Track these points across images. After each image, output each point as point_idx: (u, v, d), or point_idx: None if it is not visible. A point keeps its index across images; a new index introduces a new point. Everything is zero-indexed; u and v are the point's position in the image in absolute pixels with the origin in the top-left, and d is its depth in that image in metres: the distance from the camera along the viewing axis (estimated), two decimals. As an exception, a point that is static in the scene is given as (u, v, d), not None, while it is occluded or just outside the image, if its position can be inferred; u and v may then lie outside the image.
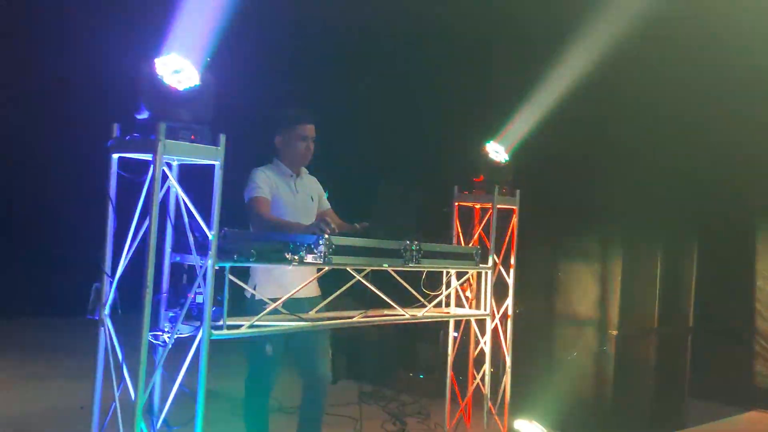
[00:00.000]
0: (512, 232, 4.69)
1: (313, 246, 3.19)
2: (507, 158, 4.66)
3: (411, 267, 3.67)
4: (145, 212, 2.85)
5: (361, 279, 3.64)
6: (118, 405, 2.90)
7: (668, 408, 5.93)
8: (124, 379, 2.90)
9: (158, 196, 2.81)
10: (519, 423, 4.56)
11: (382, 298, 3.80)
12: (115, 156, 2.96)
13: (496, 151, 4.63)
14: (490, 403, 4.61)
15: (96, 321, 2.95)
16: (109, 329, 2.95)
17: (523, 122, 4.87)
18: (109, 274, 2.96)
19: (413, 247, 3.63)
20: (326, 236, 3.22)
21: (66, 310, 5.29)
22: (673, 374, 5.99)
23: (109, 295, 2.95)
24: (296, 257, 3.19)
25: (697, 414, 6.30)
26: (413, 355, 6.73)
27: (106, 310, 2.94)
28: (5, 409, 5.43)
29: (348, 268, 3.53)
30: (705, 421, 6.30)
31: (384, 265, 3.61)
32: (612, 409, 5.48)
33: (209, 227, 2.94)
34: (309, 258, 3.20)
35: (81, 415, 3.13)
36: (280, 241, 3.24)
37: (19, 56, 8.25)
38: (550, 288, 5.82)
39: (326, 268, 3.47)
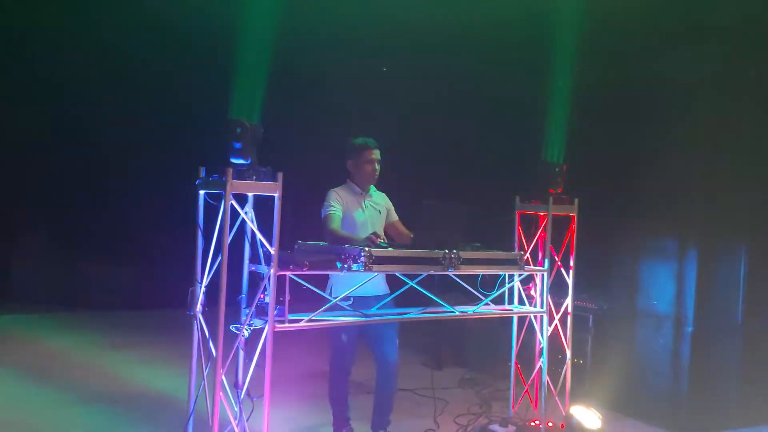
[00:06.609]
0: (571, 236, 5.16)
1: (356, 257, 3.96)
2: (564, 166, 5.13)
3: (451, 272, 4.33)
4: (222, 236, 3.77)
5: (413, 284, 4.38)
6: (205, 381, 3.87)
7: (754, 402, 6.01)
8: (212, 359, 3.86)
9: (228, 225, 3.71)
10: (575, 409, 5.03)
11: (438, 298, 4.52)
12: (202, 192, 3.91)
13: (553, 160, 5.12)
14: (553, 389, 5.13)
15: (191, 315, 3.93)
16: (200, 322, 3.92)
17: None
18: (200, 281, 3.92)
19: (452, 255, 4.29)
20: (367, 249, 3.98)
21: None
22: (760, 370, 6.03)
23: (199, 296, 3.91)
24: (345, 266, 3.99)
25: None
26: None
27: (198, 308, 3.91)
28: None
29: (397, 273, 4.30)
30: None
31: (427, 271, 4.32)
32: (688, 401, 5.71)
33: (271, 244, 3.81)
34: (353, 266, 3.98)
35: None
36: (331, 253, 4.06)
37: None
38: (631, 285, 6.13)
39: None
